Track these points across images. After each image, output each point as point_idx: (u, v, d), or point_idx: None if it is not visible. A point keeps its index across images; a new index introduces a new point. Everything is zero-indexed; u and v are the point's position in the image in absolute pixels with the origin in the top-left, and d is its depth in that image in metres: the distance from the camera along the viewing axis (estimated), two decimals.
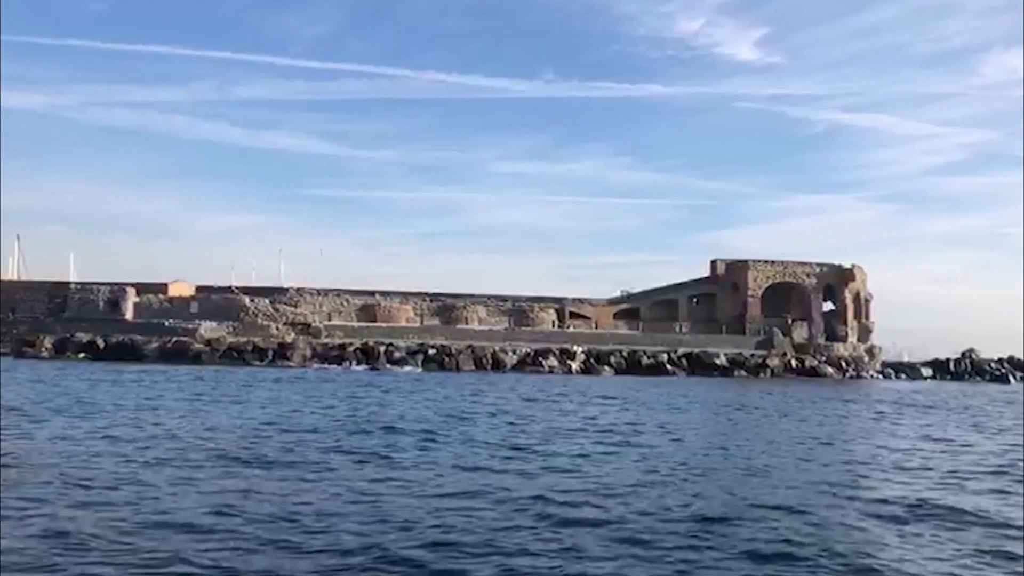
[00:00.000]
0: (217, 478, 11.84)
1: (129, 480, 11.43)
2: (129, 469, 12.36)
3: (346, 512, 9.68)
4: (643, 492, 11.47)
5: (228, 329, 60.34)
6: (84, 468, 12.32)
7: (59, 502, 9.89)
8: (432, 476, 12.45)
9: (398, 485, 11.56)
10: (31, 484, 10.92)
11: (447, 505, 10.25)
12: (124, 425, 18.08)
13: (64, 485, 10.90)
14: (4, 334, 58.46)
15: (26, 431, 16.59)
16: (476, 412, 23.65)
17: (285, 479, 11.92)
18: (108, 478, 11.55)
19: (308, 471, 12.60)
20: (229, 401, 25.48)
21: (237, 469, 12.68)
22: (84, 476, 11.59)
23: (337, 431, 17.95)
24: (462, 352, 53.99)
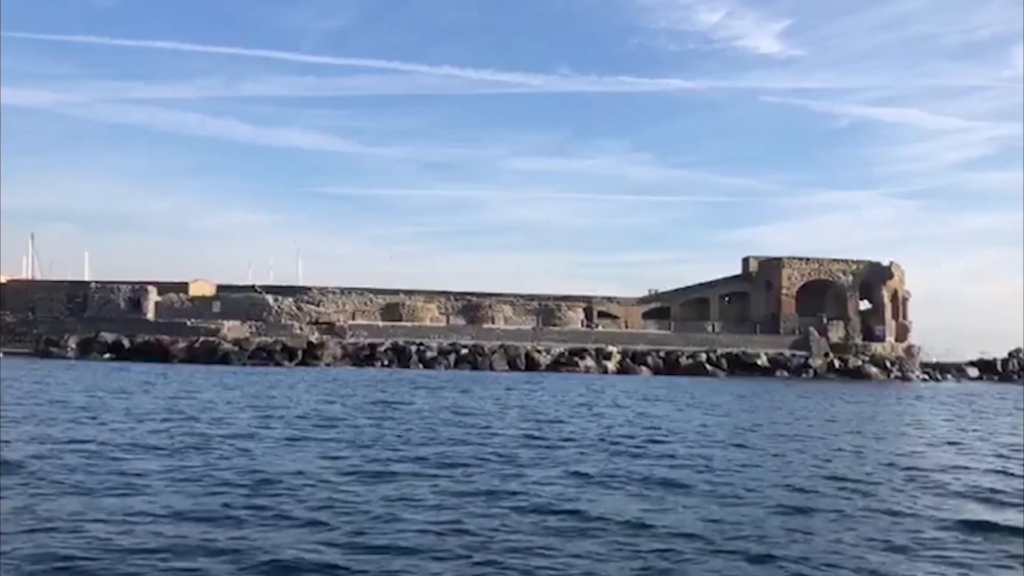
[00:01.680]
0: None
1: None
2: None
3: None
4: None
5: (251, 329, 60.27)
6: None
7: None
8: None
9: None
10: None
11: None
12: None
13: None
14: (24, 334, 58.48)
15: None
16: (632, 423, 21.51)
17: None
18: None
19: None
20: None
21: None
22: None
23: (596, 449, 16.03)
24: (495, 352, 53.83)
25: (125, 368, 43.32)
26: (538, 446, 16.00)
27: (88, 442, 14.85)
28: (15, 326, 59.16)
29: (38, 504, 9.53)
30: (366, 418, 20.66)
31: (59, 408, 21.09)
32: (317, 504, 9.90)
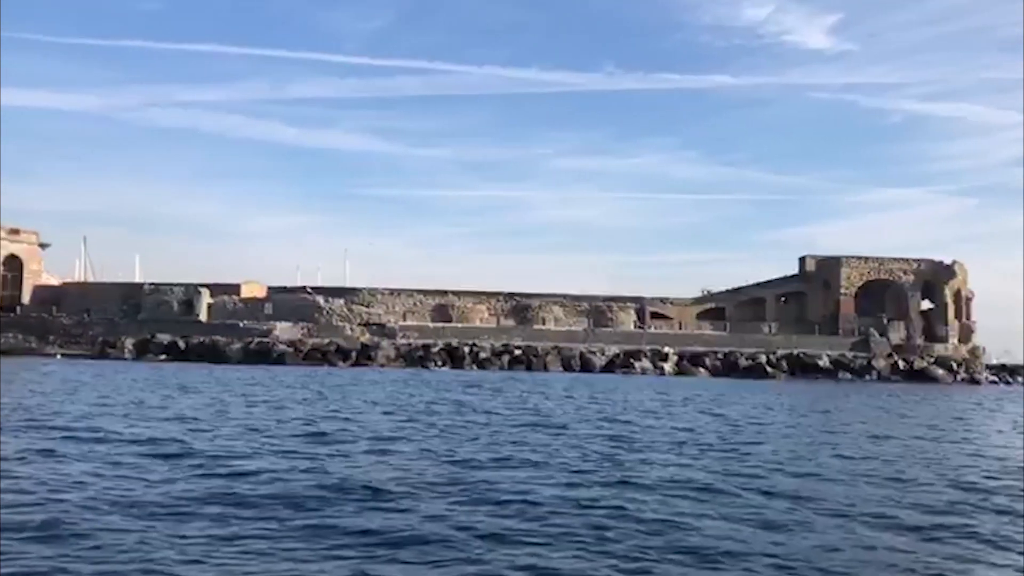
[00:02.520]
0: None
1: None
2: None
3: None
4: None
5: (302, 330, 60.79)
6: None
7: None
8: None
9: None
10: None
11: None
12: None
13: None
14: (80, 335, 59.55)
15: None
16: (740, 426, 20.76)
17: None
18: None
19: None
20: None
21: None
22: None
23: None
24: (549, 353, 53.70)
25: (223, 370, 43.94)
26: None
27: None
28: (71, 328, 60.24)
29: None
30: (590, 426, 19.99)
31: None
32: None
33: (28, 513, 8.56)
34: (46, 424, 16.59)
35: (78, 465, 11.75)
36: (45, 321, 60.42)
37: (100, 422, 17.24)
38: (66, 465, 11.77)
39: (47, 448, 13.20)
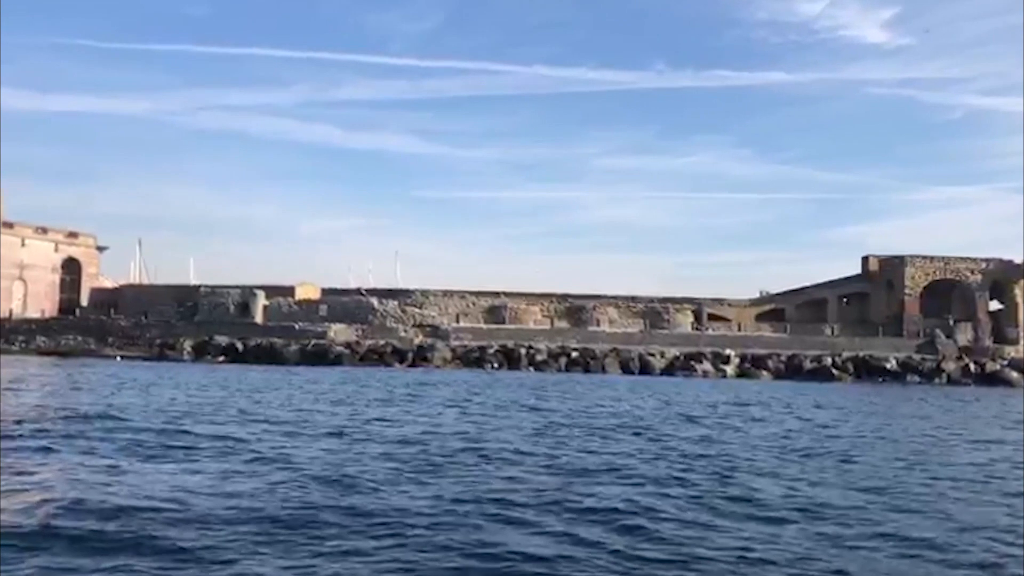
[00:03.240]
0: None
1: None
2: None
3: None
4: None
5: (356, 332, 61.02)
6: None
7: None
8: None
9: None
10: None
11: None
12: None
13: None
14: (138, 337, 60.35)
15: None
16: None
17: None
18: None
19: None
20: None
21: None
22: None
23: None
24: (607, 355, 53.23)
25: (290, 372, 44.37)
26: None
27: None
28: (129, 330, 61.07)
29: None
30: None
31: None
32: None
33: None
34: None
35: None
36: (104, 323, 61.37)
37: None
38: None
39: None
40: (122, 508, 9.48)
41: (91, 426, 17.03)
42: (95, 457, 13.32)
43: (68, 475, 11.73)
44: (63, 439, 15.09)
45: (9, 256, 63.50)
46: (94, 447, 14.31)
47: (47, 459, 12.99)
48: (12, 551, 7.73)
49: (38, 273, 65.42)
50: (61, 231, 67.62)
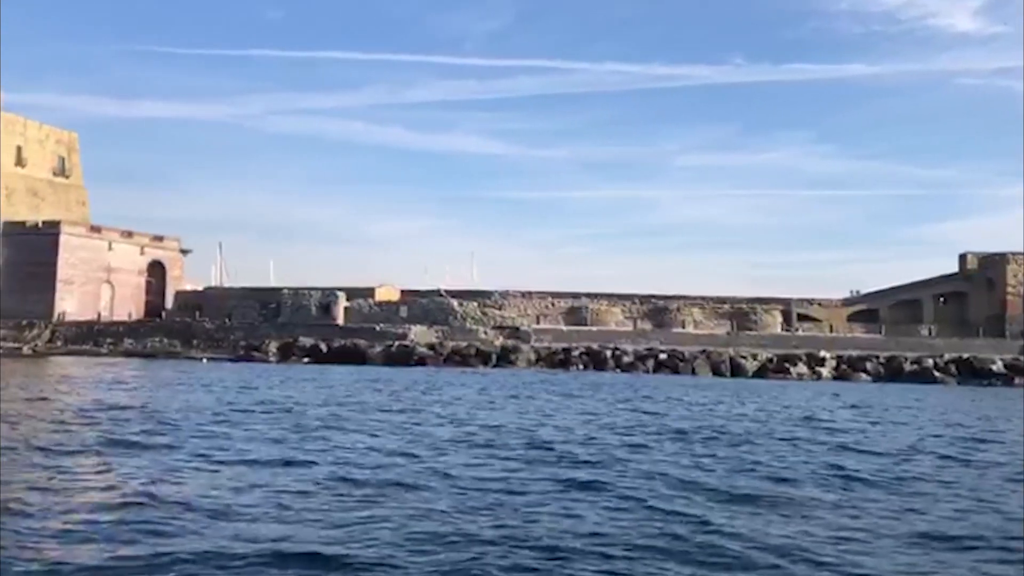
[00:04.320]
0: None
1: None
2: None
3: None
4: None
5: (436, 333, 61.05)
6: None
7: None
8: None
9: None
10: None
11: None
12: None
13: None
14: (222, 339, 61.33)
15: None
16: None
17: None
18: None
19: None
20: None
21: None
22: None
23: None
24: (697, 357, 52.19)
25: (378, 374, 44.65)
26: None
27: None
28: (213, 332, 62.11)
29: None
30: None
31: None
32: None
33: None
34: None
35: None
36: (189, 325, 62.53)
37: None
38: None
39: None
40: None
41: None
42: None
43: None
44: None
45: (97, 260, 65.23)
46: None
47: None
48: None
49: (124, 276, 67.06)
50: (146, 235, 69.25)
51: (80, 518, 9.45)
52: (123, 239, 67.25)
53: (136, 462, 13.47)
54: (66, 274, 63.32)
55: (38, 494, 10.69)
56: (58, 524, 9.14)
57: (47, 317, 62.42)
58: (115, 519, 9.43)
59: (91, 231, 66.05)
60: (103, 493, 10.96)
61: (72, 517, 9.48)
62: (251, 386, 32.50)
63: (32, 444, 14.90)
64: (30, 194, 67.65)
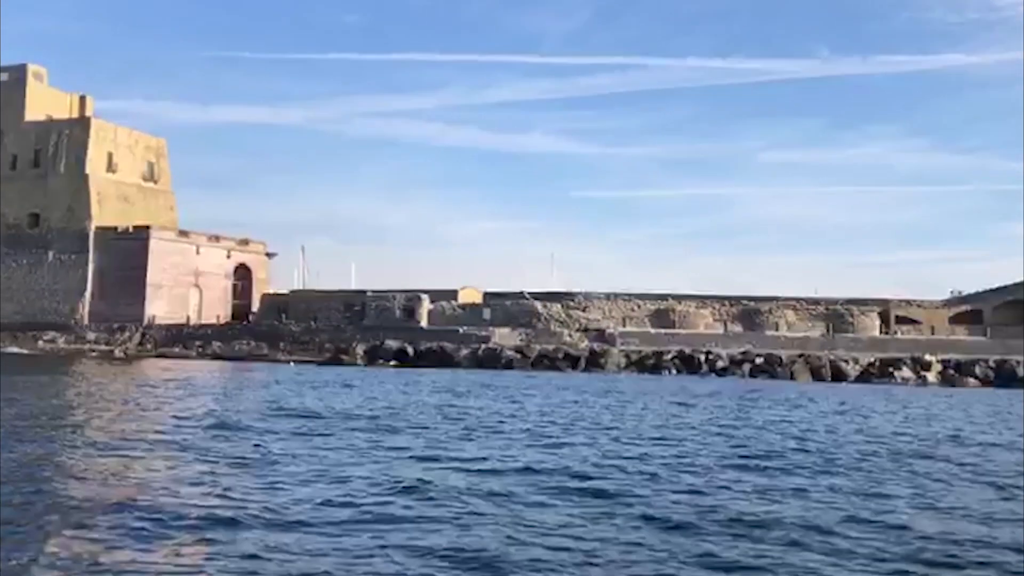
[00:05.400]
0: None
1: None
2: None
3: None
4: None
5: (520, 336, 60.57)
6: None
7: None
8: None
9: None
10: None
11: None
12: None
13: None
14: (308, 342, 61.90)
15: None
16: None
17: None
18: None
19: None
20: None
21: None
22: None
23: None
24: (795, 361, 50.69)
25: (492, 376, 44.78)
26: None
27: None
28: (299, 335, 62.73)
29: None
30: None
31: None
32: None
33: None
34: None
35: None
36: (275, 328, 63.31)
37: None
38: None
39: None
40: None
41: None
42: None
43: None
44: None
45: (185, 264, 66.52)
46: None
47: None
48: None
49: (212, 280, 68.25)
50: (233, 238, 70.41)
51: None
52: (210, 243, 68.46)
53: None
54: (156, 278, 64.70)
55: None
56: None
57: (138, 320, 63.89)
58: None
59: (180, 236, 67.40)
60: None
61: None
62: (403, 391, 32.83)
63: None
64: (121, 200, 69.35)
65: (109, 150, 69.18)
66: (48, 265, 67.49)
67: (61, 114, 71.87)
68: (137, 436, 17.85)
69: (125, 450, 15.84)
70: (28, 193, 69.03)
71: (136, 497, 11.38)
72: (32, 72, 71.95)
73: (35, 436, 17.54)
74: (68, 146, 68.21)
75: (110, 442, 16.93)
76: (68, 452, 15.62)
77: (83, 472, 13.52)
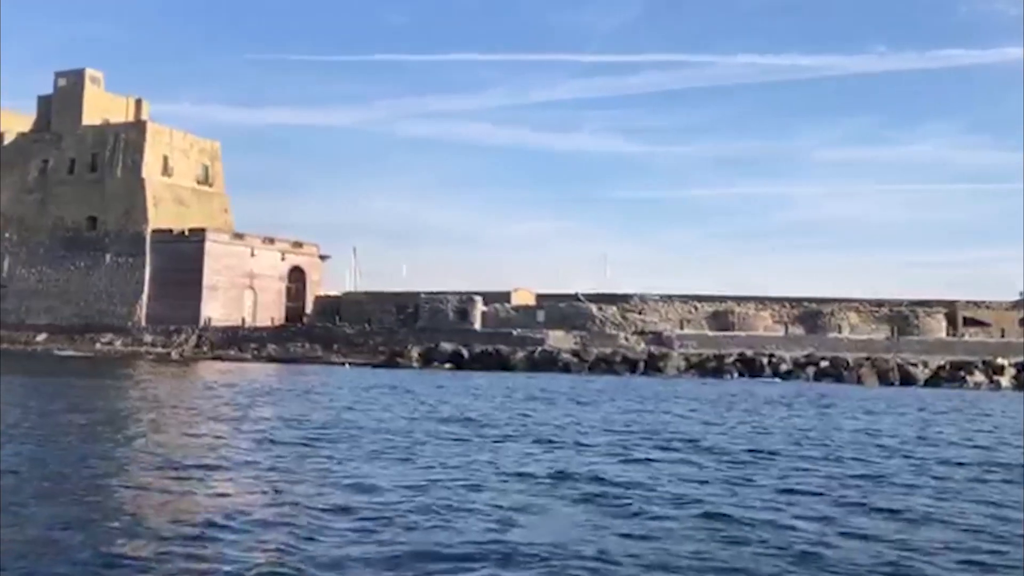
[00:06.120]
0: None
1: None
2: None
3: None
4: None
5: (575, 338, 60.00)
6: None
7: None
8: None
9: None
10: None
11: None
12: None
13: None
14: (361, 345, 62.00)
15: None
16: None
17: None
18: None
19: None
20: None
21: None
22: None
23: None
24: (863, 365, 49.51)
25: (541, 379, 44.51)
26: None
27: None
28: (353, 337, 62.87)
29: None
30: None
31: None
32: None
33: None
34: None
35: None
36: (329, 330, 63.52)
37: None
38: None
39: None
40: None
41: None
42: None
43: None
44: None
45: (240, 266, 67.03)
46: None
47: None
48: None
49: (266, 282, 68.70)
50: (286, 240, 70.86)
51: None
52: (264, 245, 68.94)
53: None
54: (211, 280, 65.29)
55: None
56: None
57: (193, 323, 64.51)
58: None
59: (234, 238, 67.96)
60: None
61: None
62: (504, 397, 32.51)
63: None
64: (176, 202, 70.15)
65: (165, 153, 70.03)
66: (105, 268, 68.49)
67: (117, 118, 72.98)
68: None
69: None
70: (85, 196, 70.18)
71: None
72: (89, 77, 73.20)
73: (182, 456, 15.94)
74: (125, 150, 69.17)
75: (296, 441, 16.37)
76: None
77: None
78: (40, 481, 12.90)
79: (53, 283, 70.19)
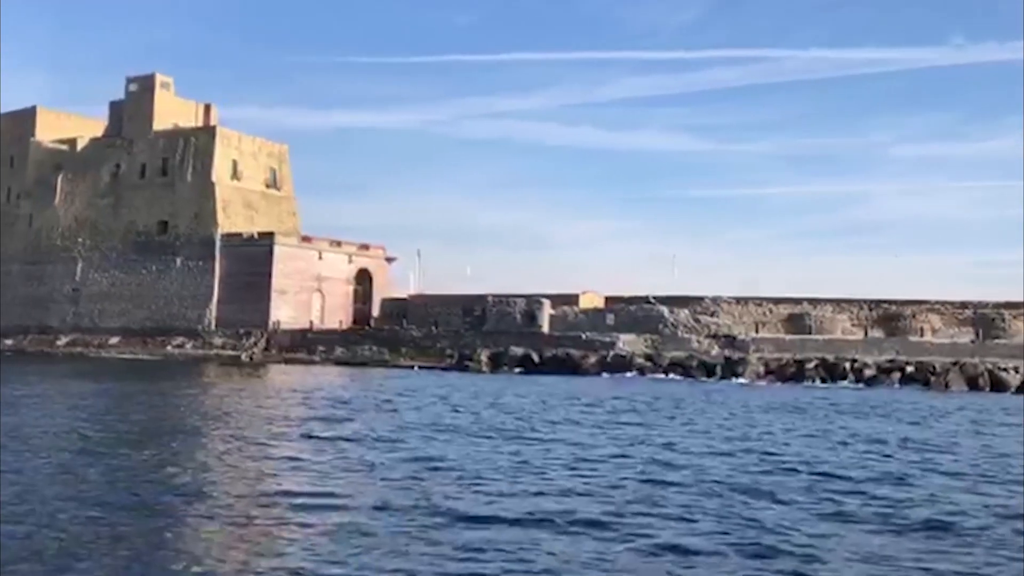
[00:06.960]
0: None
1: None
2: None
3: None
4: None
5: (646, 342, 59.13)
6: None
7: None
8: None
9: None
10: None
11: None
12: None
13: None
14: (429, 347, 61.91)
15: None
16: None
17: None
18: None
19: None
20: None
21: None
22: None
23: None
24: (950, 370, 47.80)
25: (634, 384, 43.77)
26: None
27: None
28: (420, 340, 62.84)
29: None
30: None
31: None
32: None
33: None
34: None
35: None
36: (396, 333, 63.62)
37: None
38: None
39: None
40: None
41: None
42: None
43: None
44: None
45: (308, 269, 67.54)
46: None
47: None
48: None
49: (334, 285, 69.14)
50: (353, 243, 71.26)
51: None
52: (332, 248, 69.39)
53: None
54: (280, 284, 65.89)
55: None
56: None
57: (262, 326, 65.17)
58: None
59: (302, 241, 68.52)
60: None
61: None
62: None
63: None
64: (245, 206, 71.00)
65: (234, 157, 70.93)
66: (176, 271, 69.59)
67: (187, 122, 74.15)
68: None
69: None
70: (156, 201, 71.43)
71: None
72: (159, 82, 74.47)
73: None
74: (195, 154, 70.23)
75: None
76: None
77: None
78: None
79: (125, 287, 71.58)
